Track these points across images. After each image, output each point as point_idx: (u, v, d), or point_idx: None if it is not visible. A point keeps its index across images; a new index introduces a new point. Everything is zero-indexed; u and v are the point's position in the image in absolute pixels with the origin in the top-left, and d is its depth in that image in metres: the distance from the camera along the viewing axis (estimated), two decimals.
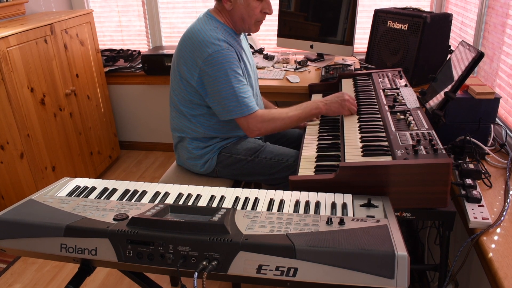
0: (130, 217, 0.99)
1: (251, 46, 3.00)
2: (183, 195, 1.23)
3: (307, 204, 1.12)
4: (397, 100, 1.65)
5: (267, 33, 3.19)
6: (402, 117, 1.50)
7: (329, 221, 0.96)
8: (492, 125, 1.61)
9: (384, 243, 0.87)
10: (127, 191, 1.26)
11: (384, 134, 1.43)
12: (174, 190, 1.26)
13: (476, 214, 1.23)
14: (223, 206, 1.16)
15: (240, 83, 1.60)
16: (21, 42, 2.32)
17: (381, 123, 1.53)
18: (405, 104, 1.61)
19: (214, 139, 1.78)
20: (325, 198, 1.15)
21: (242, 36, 1.80)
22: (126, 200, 1.20)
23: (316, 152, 1.51)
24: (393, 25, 2.28)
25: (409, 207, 1.22)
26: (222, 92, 1.59)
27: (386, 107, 1.60)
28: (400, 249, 0.85)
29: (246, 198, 1.19)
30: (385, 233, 0.91)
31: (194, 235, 0.92)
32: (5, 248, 1.04)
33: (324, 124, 1.75)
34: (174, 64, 1.72)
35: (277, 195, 1.19)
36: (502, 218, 1.22)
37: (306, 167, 1.41)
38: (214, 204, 1.18)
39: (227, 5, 1.64)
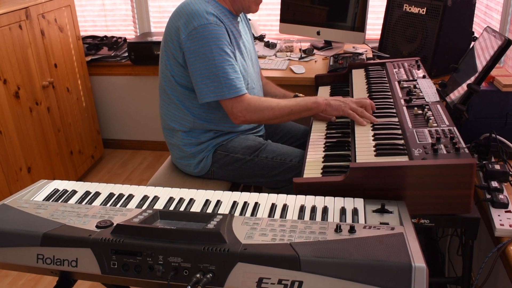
0: (115, 224, 0.99)
1: None
2: (174, 199, 1.23)
3: (313, 209, 1.12)
4: (414, 93, 1.65)
5: (268, 18, 3.19)
6: (420, 112, 1.50)
7: (338, 229, 0.96)
8: None
9: (400, 253, 0.87)
10: (111, 195, 1.26)
11: (399, 132, 1.43)
12: (164, 194, 1.26)
13: (503, 220, 1.23)
14: (219, 212, 1.16)
15: (225, 62, 1.60)
16: None
17: (396, 119, 1.53)
18: (423, 98, 1.61)
19: (207, 133, 1.78)
20: (334, 203, 1.14)
21: (240, 19, 1.81)
22: (110, 205, 1.20)
23: (324, 152, 1.51)
24: (410, 9, 2.27)
25: (428, 213, 1.22)
26: (203, 70, 1.60)
27: (402, 101, 1.60)
28: (418, 260, 0.84)
29: (245, 202, 1.19)
30: (401, 242, 0.91)
31: (186, 245, 0.92)
32: None
33: None
34: (163, 42, 1.74)
35: (280, 199, 1.19)
36: None
37: (312, 168, 1.41)
38: (209, 210, 1.18)
39: None
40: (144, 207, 1.20)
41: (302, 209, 1.13)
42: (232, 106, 1.64)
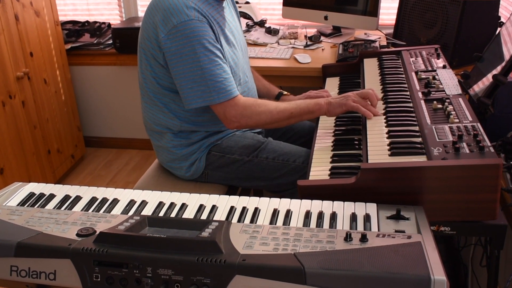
0: (97, 232, 0.99)
1: (250, 18, 3.00)
2: (164, 204, 1.23)
3: (320, 215, 1.12)
4: (434, 85, 1.65)
5: (270, 1, 3.19)
6: (440, 106, 1.50)
7: (347, 237, 0.96)
8: None
9: (417, 264, 0.87)
10: (94, 199, 1.26)
11: (417, 128, 1.44)
12: (153, 199, 1.26)
13: None
14: (214, 219, 1.16)
15: (212, 63, 1.60)
16: None
17: (413, 114, 1.53)
18: (444, 90, 1.61)
19: (198, 132, 1.78)
20: (343, 208, 1.15)
21: (225, 4, 1.80)
22: (92, 211, 1.21)
23: (332, 151, 1.51)
24: None
25: (449, 220, 1.22)
26: (188, 73, 1.60)
27: (420, 94, 1.60)
28: (437, 272, 0.85)
29: (244, 208, 1.19)
30: (419, 252, 0.91)
31: (178, 255, 0.92)
32: None
33: (342, 116, 1.75)
34: (140, 39, 1.73)
35: (283, 204, 1.19)
36: None
37: (319, 169, 1.41)
38: (204, 216, 1.18)
39: None
40: (131, 213, 1.20)
41: (307, 215, 1.13)
42: (224, 111, 1.64)
